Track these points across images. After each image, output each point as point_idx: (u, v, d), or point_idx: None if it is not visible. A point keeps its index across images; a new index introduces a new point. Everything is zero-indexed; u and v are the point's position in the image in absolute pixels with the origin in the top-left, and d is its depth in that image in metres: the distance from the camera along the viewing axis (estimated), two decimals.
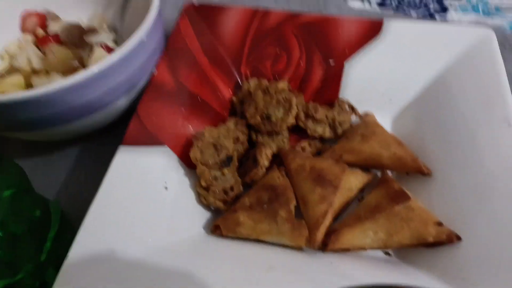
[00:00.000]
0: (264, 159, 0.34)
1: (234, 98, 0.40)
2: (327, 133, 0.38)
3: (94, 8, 0.46)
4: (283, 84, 0.37)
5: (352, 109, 0.39)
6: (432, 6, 0.54)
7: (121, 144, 0.32)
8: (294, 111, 0.36)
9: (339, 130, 0.38)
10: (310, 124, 0.38)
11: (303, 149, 0.37)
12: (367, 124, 0.37)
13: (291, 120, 0.36)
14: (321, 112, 0.38)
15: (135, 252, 0.28)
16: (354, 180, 0.34)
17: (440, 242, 0.29)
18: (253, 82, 0.39)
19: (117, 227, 0.28)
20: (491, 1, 0.54)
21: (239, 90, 0.40)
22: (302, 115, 0.38)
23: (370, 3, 0.55)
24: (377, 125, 0.37)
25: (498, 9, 0.54)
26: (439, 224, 0.30)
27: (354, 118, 0.39)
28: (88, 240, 0.27)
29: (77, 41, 0.40)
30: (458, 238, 0.29)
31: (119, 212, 0.29)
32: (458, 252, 0.29)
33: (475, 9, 0.54)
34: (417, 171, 0.34)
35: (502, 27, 0.51)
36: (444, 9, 0.54)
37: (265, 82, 0.39)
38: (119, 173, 0.30)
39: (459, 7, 0.54)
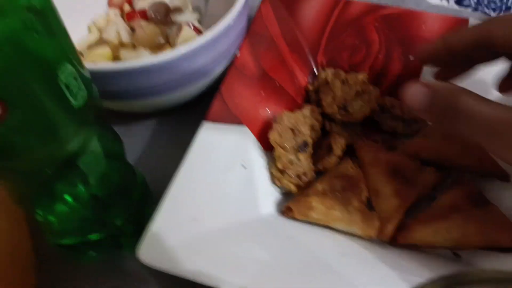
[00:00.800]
0: (338, 148, 0.35)
1: (309, 86, 0.40)
2: (401, 128, 0.38)
3: None
4: (362, 76, 0.37)
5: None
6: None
7: (205, 119, 0.33)
8: (372, 104, 0.36)
9: (414, 127, 0.38)
10: (384, 118, 0.38)
11: (376, 142, 0.37)
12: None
13: (368, 112, 0.36)
14: (397, 108, 0.37)
15: (215, 223, 0.29)
16: (428, 178, 0.34)
17: None
18: (330, 72, 0.39)
19: (199, 200, 0.30)
20: None
21: (315, 78, 0.41)
22: (377, 109, 0.38)
23: (448, 0, 0.53)
24: None
25: None
26: None
27: None
28: (172, 208, 0.29)
29: (164, 18, 0.42)
30: None
31: (201, 185, 0.30)
32: None
33: None
34: (496, 174, 0.33)
35: None
36: None
37: (342, 72, 0.39)
38: (202, 147, 0.32)
39: None
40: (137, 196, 0.34)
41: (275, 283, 0.26)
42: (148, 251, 0.27)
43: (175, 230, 0.28)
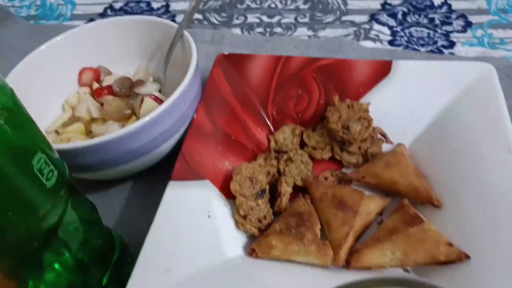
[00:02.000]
0: (284, 187, 0.39)
1: (270, 137, 0.45)
2: (360, 162, 0.43)
3: (139, 63, 0.53)
4: (366, 106, 0.43)
5: (384, 136, 0.43)
6: (440, 42, 0.59)
7: (170, 179, 0.38)
8: (371, 129, 0.41)
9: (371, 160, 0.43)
10: (344, 156, 0.43)
11: (325, 178, 0.42)
12: (395, 154, 0.41)
13: (365, 136, 0.41)
14: (354, 146, 0.43)
15: (187, 271, 0.33)
16: (372, 205, 0.38)
17: (451, 261, 0.33)
18: (336, 98, 0.45)
19: (170, 251, 0.34)
20: (495, 34, 0.59)
21: (268, 128, 0.46)
22: (337, 149, 0.43)
23: (381, 42, 0.60)
24: (403, 156, 0.41)
25: (503, 42, 0.58)
26: (450, 244, 0.34)
27: (385, 145, 0.44)
28: (147, 263, 0.33)
29: (128, 92, 0.47)
30: (467, 257, 0.33)
31: (172, 238, 0.34)
32: (469, 269, 0.33)
33: (480, 43, 0.58)
34: (429, 202, 0.38)
35: (507, 58, 0.55)
36: (451, 44, 0.59)
37: (349, 100, 0.44)
38: (170, 204, 0.36)
39: (466, 41, 0.59)
40: (117, 257, 0.37)
41: None
42: None
43: (151, 283, 0.32)
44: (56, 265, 0.35)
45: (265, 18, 0.66)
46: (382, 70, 0.45)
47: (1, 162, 0.24)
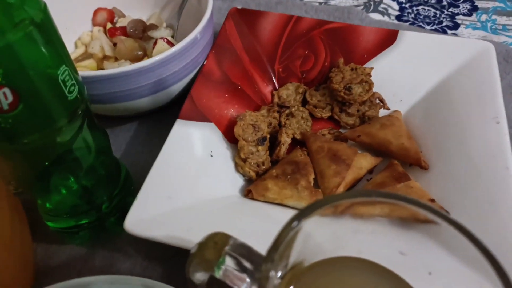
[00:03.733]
0: (284, 137, 0.42)
1: (274, 92, 0.47)
2: (357, 124, 0.45)
3: (152, 9, 0.54)
4: (368, 70, 0.45)
5: (382, 102, 0.46)
6: (445, 22, 0.61)
7: (178, 118, 0.40)
8: (371, 93, 0.44)
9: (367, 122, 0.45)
10: (343, 117, 0.45)
11: (323, 135, 0.44)
12: (390, 118, 0.43)
13: (365, 98, 0.43)
14: (353, 107, 0.45)
15: (187, 200, 0.35)
16: (364, 162, 0.41)
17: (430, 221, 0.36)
18: (341, 60, 0.47)
19: (173, 181, 0.36)
20: (499, 20, 0.61)
21: (273, 84, 0.48)
22: (337, 109, 0.45)
23: (389, 16, 0.62)
24: (398, 120, 0.44)
25: (505, 28, 0.60)
26: (432, 200, 0.37)
27: (382, 111, 0.46)
28: (151, 188, 0.35)
29: (141, 34, 0.48)
30: (447, 212, 0.36)
31: (175, 170, 0.37)
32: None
33: (484, 27, 0.60)
34: (417, 163, 0.40)
35: (507, 43, 0.57)
36: (456, 26, 0.60)
37: (353, 63, 0.46)
38: (175, 140, 0.38)
39: (469, 24, 0.61)
40: (121, 186, 0.40)
41: None
42: (133, 223, 0.33)
43: (153, 206, 0.34)
44: (63, 189, 0.37)
45: None
46: (388, 39, 0.47)
47: (34, 73, 0.26)
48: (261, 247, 0.20)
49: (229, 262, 0.21)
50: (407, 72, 0.46)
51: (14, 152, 0.31)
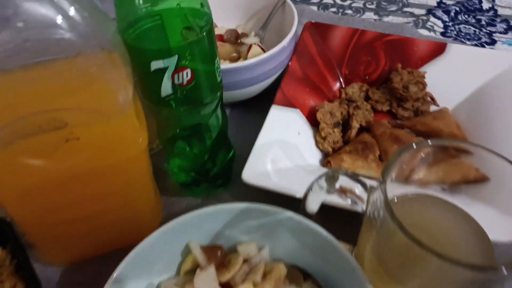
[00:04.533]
0: (354, 123, 0.52)
1: (342, 90, 0.58)
2: (411, 117, 0.56)
3: (238, 22, 0.67)
4: (422, 73, 0.56)
5: (433, 99, 0.56)
6: (483, 39, 0.71)
7: (272, 104, 0.51)
8: (424, 92, 0.54)
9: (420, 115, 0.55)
10: (400, 110, 0.56)
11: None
12: (441, 111, 0.54)
13: (420, 95, 0.54)
14: (409, 103, 0.55)
15: (284, 164, 0.46)
16: None
17: (477, 180, 0.46)
18: (399, 66, 0.58)
19: (274, 149, 0.47)
20: None
21: (340, 83, 0.59)
22: (395, 104, 0.56)
23: (435, 32, 0.72)
24: (448, 114, 0.54)
25: None
26: (477, 170, 0.47)
27: (432, 107, 0.56)
28: (258, 153, 0.46)
29: (235, 40, 0.60)
30: (488, 178, 0.45)
31: (273, 142, 0.48)
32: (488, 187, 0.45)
33: None
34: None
35: None
36: (493, 42, 0.70)
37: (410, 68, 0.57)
38: (272, 120, 0.49)
39: (506, 41, 0.71)
40: (229, 157, 0.51)
41: None
42: (248, 176, 0.44)
43: (261, 165, 0.45)
44: (189, 152, 0.47)
45: (338, 0, 0.78)
46: (438, 49, 0.58)
47: (203, 56, 0.38)
48: None
49: (343, 179, 0.32)
50: (453, 77, 0.57)
51: (167, 116, 0.42)
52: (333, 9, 0.77)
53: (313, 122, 0.53)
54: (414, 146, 0.32)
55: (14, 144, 0.31)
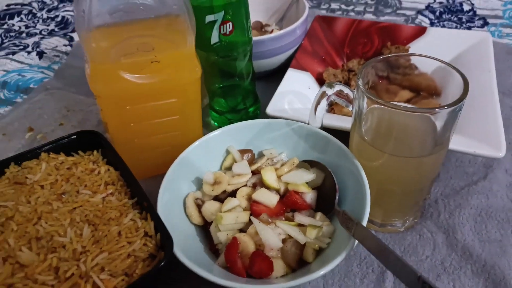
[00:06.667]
0: (353, 82, 0.68)
1: (343, 64, 0.74)
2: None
3: (261, 18, 0.84)
4: (407, 48, 0.71)
5: (415, 67, 0.71)
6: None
7: (289, 67, 0.67)
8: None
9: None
10: (391, 75, 0.71)
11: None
12: (422, 73, 0.69)
13: (406, 64, 0.69)
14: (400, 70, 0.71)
15: (297, 106, 0.62)
16: (404, 94, 0.66)
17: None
18: (389, 43, 0.73)
19: (288, 96, 0.63)
20: (504, 31, 0.85)
21: (343, 61, 0.75)
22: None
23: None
24: (426, 74, 0.69)
25: (508, 35, 0.84)
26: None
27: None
28: (278, 98, 0.62)
29: (260, 29, 0.78)
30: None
31: (289, 92, 0.63)
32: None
33: (492, 34, 0.85)
34: (437, 92, 0.65)
35: (509, 44, 0.81)
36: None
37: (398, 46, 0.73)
38: (289, 78, 0.65)
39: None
40: (257, 106, 0.66)
41: None
42: (270, 110, 0.59)
43: (280, 104, 0.61)
44: (228, 96, 0.63)
45: (343, 6, 0.96)
46: (420, 32, 0.73)
47: (241, 13, 0.54)
48: None
49: (338, 86, 0.47)
50: (432, 51, 0.72)
51: (213, 64, 0.59)
52: (339, 13, 0.94)
53: (320, 81, 0.68)
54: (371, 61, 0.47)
55: (119, 60, 0.47)
